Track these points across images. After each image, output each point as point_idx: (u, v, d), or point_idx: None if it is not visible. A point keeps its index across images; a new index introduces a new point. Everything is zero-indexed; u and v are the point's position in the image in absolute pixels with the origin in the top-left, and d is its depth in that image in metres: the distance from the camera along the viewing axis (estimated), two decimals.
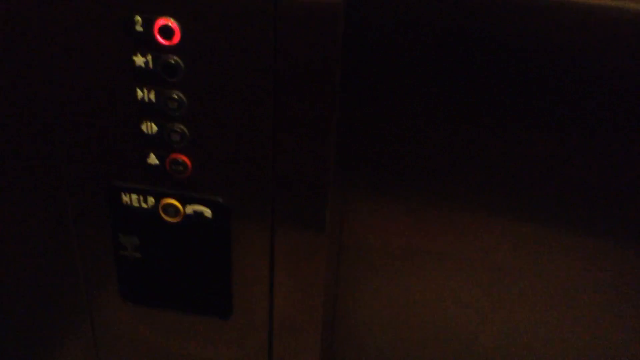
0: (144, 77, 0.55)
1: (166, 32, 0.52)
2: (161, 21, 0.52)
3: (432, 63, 0.53)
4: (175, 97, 0.55)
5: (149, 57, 0.53)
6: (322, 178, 0.57)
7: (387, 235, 0.64)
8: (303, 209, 0.59)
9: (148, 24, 0.52)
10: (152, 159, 0.59)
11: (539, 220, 0.61)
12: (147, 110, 0.56)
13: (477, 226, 0.62)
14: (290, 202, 0.59)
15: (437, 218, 0.63)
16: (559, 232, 0.60)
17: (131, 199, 0.62)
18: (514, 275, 0.65)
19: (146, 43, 0.53)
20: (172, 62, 0.53)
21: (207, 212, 0.61)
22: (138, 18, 0.52)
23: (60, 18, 0.53)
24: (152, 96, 0.55)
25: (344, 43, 0.50)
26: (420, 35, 0.52)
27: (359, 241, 0.65)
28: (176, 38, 0.52)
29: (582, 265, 0.62)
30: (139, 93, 0.55)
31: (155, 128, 0.57)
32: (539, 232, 0.61)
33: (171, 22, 0.52)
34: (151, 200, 0.62)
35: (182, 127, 0.57)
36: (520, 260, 0.63)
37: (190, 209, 0.62)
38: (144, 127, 0.57)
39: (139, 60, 0.54)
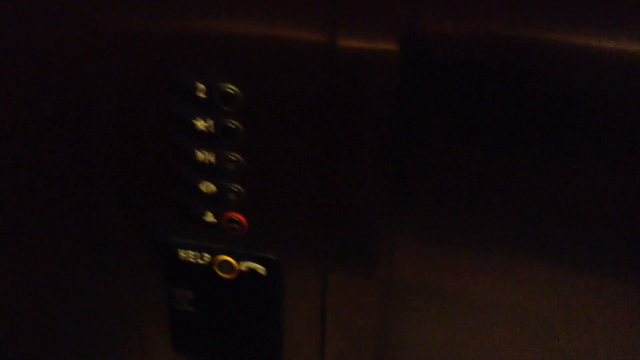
0: (204, 139, 0.57)
1: (226, 97, 0.54)
2: (222, 87, 0.54)
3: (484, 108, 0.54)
4: (234, 158, 0.57)
5: (210, 122, 0.56)
6: (375, 226, 0.58)
7: (435, 277, 0.64)
8: (355, 258, 0.60)
9: (210, 90, 0.54)
10: (209, 217, 0.61)
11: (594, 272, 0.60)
12: (205, 171, 0.59)
13: (529, 274, 0.62)
14: (343, 252, 0.60)
15: (486, 262, 0.63)
16: (617, 282, 0.60)
17: (188, 254, 0.64)
18: (566, 326, 0.64)
19: (207, 108, 0.55)
20: (232, 125, 0.55)
21: (261, 269, 0.63)
22: (200, 85, 0.54)
23: (126, 82, 0.56)
24: (212, 157, 0.58)
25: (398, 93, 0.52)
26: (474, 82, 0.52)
27: (405, 283, 0.65)
28: (236, 102, 0.54)
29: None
30: (199, 155, 0.58)
31: (213, 188, 0.59)
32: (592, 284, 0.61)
33: (231, 88, 0.54)
34: (207, 256, 0.63)
35: (239, 186, 0.59)
36: (572, 311, 0.63)
37: (244, 265, 0.63)
38: (202, 187, 0.59)
39: (199, 124, 0.56)
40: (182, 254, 0.64)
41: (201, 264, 0.64)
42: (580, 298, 0.62)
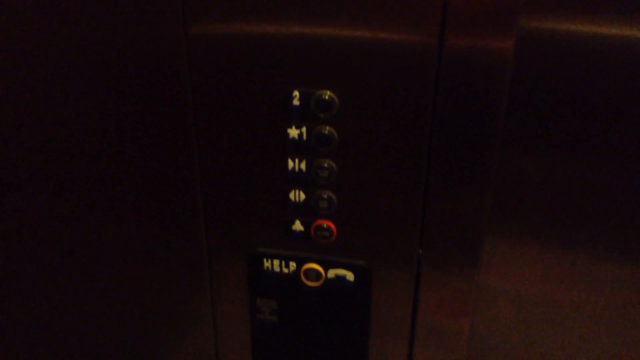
0: (296, 148, 0.55)
1: (323, 104, 0.53)
2: (319, 95, 0.52)
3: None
4: (326, 165, 0.56)
5: (303, 129, 0.54)
6: (475, 231, 0.57)
7: (522, 281, 0.64)
8: (452, 263, 0.59)
9: (305, 97, 0.53)
10: (297, 226, 0.60)
11: None
12: (296, 179, 0.57)
13: (613, 277, 0.61)
14: (438, 257, 0.59)
15: (573, 266, 0.62)
16: None
17: (272, 264, 0.63)
18: None
19: (302, 115, 0.54)
20: (326, 132, 0.54)
21: (350, 275, 0.62)
22: (296, 93, 0.53)
23: (222, 89, 0.55)
24: (303, 165, 0.56)
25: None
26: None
27: (494, 287, 0.64)
28: (332, 109, 0.53)
29: None
30: (290, 163, 0.56)
31: (303, 196, 0.58)
32: None
33: (329, 95, 0.52)
34: (293, 265, 0.62)
35: (330, 194, 0.57)
36: None
37: (332, 273, 0.62)
38: (291, 196, 0.58)
39: (293, 132, 0.55)
40: (267, 263, 0.63)
41: (286, 273, 0.63)
42: None
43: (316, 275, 0.62)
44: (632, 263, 0.60)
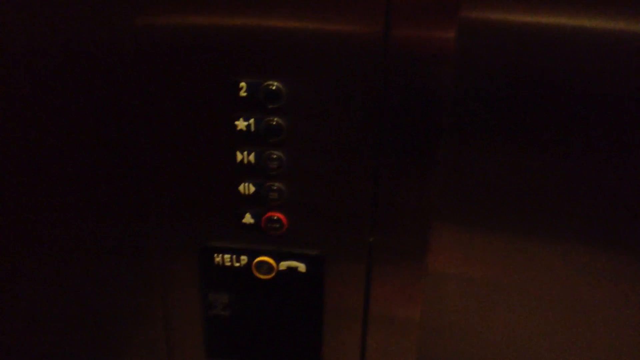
0: (244, 139, 0.55)
1: (271, 95, 0.53)
2: (266, 85, 0.52)
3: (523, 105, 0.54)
4: (276, 156, 0.56)
5: (252, 121, 0.54)
6: (424, 219, 0.58)
7: (469, 265, 0.65)
8: (403, 250, 0.60)
9: (253, 88, 0.52)
10: (248, 219, 0.59)
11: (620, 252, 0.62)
12: (245, 171, 0.57)
13: (557, 259, 0.63)
14: (389, 244, 0.60)
15: (518, 250, 0.63)
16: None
17: (223, 258, 0.62)
18: (595, 309, 0.65)
19: (249, 106, 0.53)
20: (275, 123, 0.54)
21: (302, 266, 0.62)
22: (243, 84, 0.52)
23: (170, 81, 0.54)
24: (252, 157, 0.56)
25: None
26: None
27: (440, 271, 0.66)
28: (280, 100, 0.53)
29: None
30: (239, 156, 0.56)
31: (252, 188, 0.58)
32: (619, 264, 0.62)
33: (276, 86, 0.52)
34: (244, 258, 0.62)
35: (280, 185, 0.57)
36: (602, 292, 0.64)
37: (284, 265, 0.62)
38: (241, 188, 0.58)
39: (241, 124, 0.54)
40: (218, 258, 0.62)
41: (238, 267, 0.63)
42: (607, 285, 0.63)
43: (268, 267, 0.62)
44: (576, 246, 0.62)
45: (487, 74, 0.52)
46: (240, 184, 0.58)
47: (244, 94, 0.53)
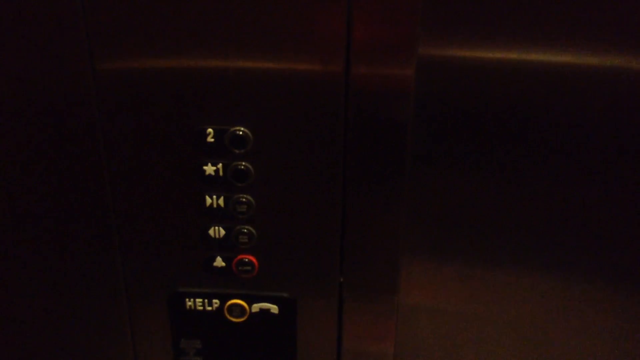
0: (213, 184, 0.56)
1: (237, 140, 0.53)
2: (233, 131, 0.53)
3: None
4: (245, 200, 0.56)
5: (219, 166, 0.55)
6: (392, 253, 0.59)
7: (439, 296, 0.66)
8: (373, 286, 0.60)
9: (220, 134, 0.53)
10: (219, 262, 0.60)
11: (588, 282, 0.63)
12: (214, 216, 0.57)
13: (530, 290, 0.64)
14: (359, 282, 0.60)
15: (486, 281, 0.65)
16: (612, 294, 0.63)
17: (195, 303, 0.62)
18: (561, 340, 0.67)
19: (217, 152, 0.54)
20: (243, 167, 0.55)
21: (274, 308, 0.62)
22: (210, 130, 0.53)
23: (133, 126, 0.54)
24: (221, 202, 0.56)
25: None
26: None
27: (414, 305, 0.66)
28: (247, 145, 0.53)
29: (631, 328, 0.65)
30: (208, 200, 0.56)
31: (222, 232, 0.58)
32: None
33: (242, 131, 0.53)
34: (216, 302, 0.62)
35: (249, 228, 0.58)
36: (568, 323, 0.65)
37: (256, 307, 0.62)
38: (211, 232, 0.58)
39: (209, 169, 0.55)
40: (189, 302, 0.62)
41: (210, 311, 0.62)
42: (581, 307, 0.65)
43: (240, 310, 0.62)
44: (548, 275, 0.63)
45: (448, 107, 0.54)
46: (210, 228, 0.58)
47: (211, 140, 0.53)
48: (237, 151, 0.54)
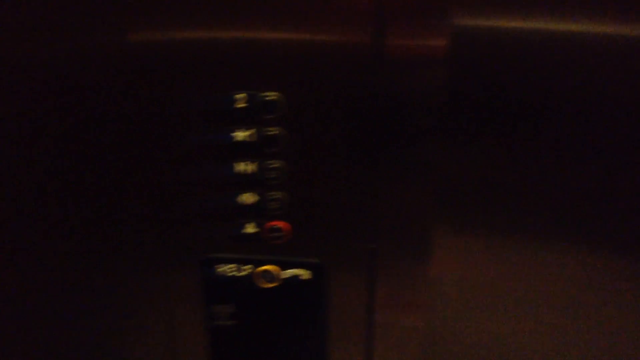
0: (244, 150, 0.55)
1: (269, 106, 0.53)
2: (264, 96, 0.52)
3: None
4: (276, 166, 0.56)
5: (250, 132, 0.54)
6: (423, 224, 0.58)
7: (465, 269, 0.65)
8: (404, 257, 0.60)
9: (251, 100, 0.53)
10: (249, 228, 0.60)
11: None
12: (245, 182, 0.57)
13: (554, 263, 0.63)
14: (390, 251, 0.60)
15: (516, 253, 0.64)
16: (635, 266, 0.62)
17: (226, 269, 0.62)
18: (589, 312, 0.66)
19: (248, 118, 0.54)
20: (273, 133, 0.54)
21: (305, 274, 0.62)
22: (242, 95, 0.52)
23: (168, 96, 0.54)
24: (252, 168, 0.56)
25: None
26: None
27: (443, 277, 0.66)
28: (278, 110, 0.53)
29: None
30: (238, 166, 0.56)
31: (253, 198, 0.58)
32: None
33: (274, 96, 0.52)
34: (247, 268, 0.62)
35: (281, 194, 0.57)
36: (598, 295, 0.64)
37: (287, 273, 0.62)
38: (242, 199, 0.58)
39: (239, 135, 0.54)
40: (220, 269, 0.62)
41: (241, 277, 0.63)
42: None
43: (271, 277, 0.62)
44: (571, 250, 0.62)
45: (479, 79, 0.52)
46: (241, 194, 0.58)
47: (243, 105, 0.53)
48: (268, 116, 0.53)
